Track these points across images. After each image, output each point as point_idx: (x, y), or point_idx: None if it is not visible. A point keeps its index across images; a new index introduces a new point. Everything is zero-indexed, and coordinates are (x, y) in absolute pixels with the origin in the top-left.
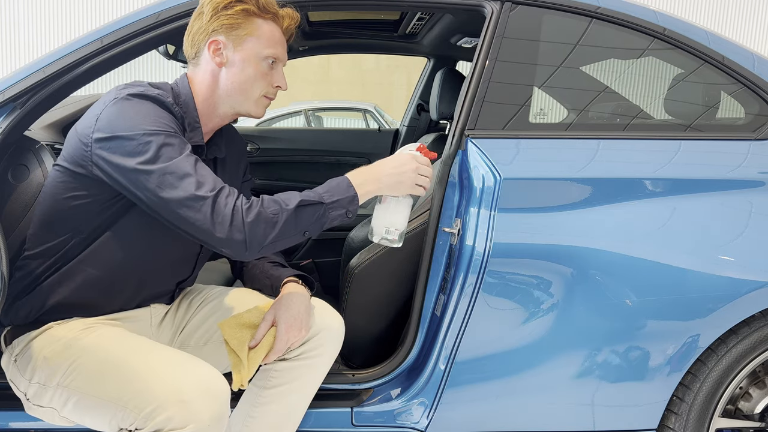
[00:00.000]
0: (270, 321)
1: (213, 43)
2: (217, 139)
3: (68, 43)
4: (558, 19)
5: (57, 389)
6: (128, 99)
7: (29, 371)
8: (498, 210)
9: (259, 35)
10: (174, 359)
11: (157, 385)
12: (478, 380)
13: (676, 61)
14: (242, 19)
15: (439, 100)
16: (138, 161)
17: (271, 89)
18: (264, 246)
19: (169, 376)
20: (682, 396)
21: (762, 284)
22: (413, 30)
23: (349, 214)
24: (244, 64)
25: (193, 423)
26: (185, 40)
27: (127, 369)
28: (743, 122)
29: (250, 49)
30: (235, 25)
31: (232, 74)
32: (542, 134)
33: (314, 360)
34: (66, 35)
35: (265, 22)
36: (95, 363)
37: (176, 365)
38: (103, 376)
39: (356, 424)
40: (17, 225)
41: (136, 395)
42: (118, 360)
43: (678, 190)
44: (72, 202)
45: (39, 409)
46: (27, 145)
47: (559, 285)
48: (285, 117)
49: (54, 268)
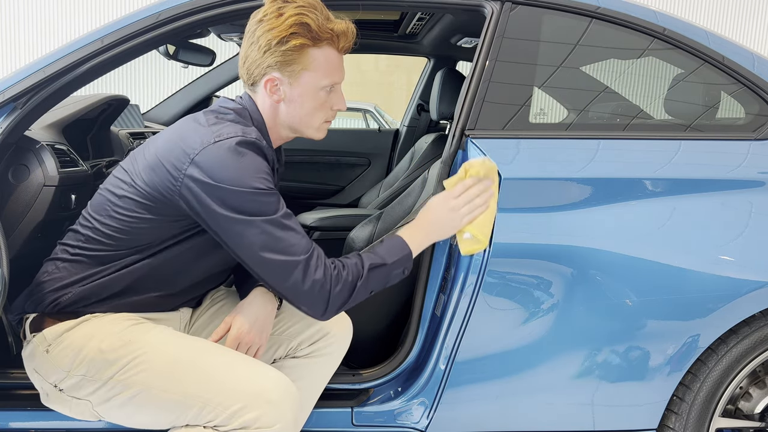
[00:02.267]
0: (229, 322)
1: (269, 81)
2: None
3: (68, 43)
4: (558, 19)
5: (109, 383)
6: (233, 149)
7: (69, 362)
8: (498, 210)
9: (315, 68)
10: (250, 360)
11: (242, 384)
12: (479, 380)
13: (676, 61)
14: (297, 54)
15: (439, 100)
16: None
17: (331, 113)
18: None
19: (253, 376)
20: (683, 396)
21: (762, 284)
22: (413, 30)
23: (406, 271)
24: (303, 99)
25: (280, 423)
26: (240, 66)
27: (205, 367)
28: (743, 122)
29: (307, 84)
30: (290, 61)
31: (291, 109)
32: (542, 134)
33: (323, 358)
34: (66, 35)
35: (320, 50)
36: (165, 359)
37: (255, 366)
38: (177, 372)
39: (356, 424)
40: (17, 225)
41: (219, 393)
42: (192, 357)
43: (678, 190)
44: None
45: (72, 401)
46: (27, 145)
47: (559, 285)
48: None
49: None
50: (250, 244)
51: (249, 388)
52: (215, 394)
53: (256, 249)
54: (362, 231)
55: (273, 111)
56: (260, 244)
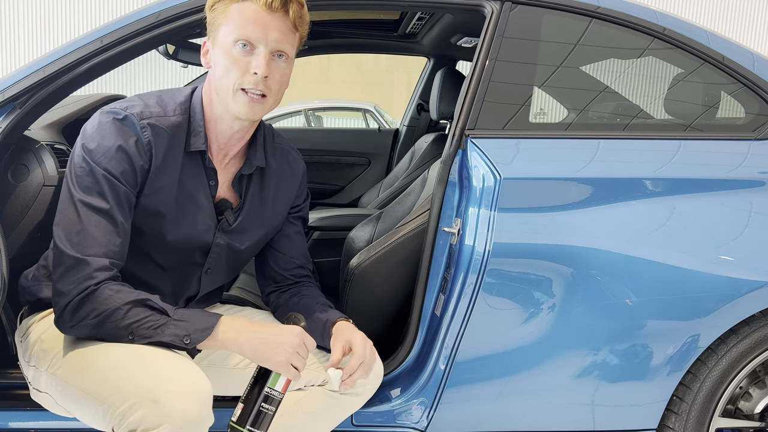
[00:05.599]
0: (344, 348)
1: (203, 47)
2: (252, 153)
3: (68, 43)
4: (558, 19)
5: (47, 376)
6: (100, 115)
7: (28, 353)
8: (498, 210)
9: (228, 21)
10: (156, 358)
11: (134, 382)
12: (478, 380)
13: (676, 61)
14: (216, 12)
15: (439, 100)
16: (68, 173)
17: (248, 78)
18: (77, 330)
19: (148, 374)
20: (682, 396)
21: (762, 284)
22: (413, 30)
23: (186, 339)
24: (219, 57)
25: (166, 423)
26: None
27: (106, 363)
28: (743, 122)
29: (222, 39)
30: (211, 20)
31: (212, 73)
32: (542, 134)
33: (350, 398)
34: (66, 35)
35: (238, 5)
36: (78, 354)
37: (157, 363)
38: (84, 368)
39: (356, 424)
40: (17, 225)
41: (113, 391)
42: (99, 353)
43: (678, 190)
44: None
45: (39, 394)
46: (27, 145)
47: (559, 285)
48: (285, 117)
49: None
50: (59, 210)
51: (138, 386)
52: (110, 392)
53: (57, 219)
54: (362, 231)
55: (209, 83)
56: (60, 214)
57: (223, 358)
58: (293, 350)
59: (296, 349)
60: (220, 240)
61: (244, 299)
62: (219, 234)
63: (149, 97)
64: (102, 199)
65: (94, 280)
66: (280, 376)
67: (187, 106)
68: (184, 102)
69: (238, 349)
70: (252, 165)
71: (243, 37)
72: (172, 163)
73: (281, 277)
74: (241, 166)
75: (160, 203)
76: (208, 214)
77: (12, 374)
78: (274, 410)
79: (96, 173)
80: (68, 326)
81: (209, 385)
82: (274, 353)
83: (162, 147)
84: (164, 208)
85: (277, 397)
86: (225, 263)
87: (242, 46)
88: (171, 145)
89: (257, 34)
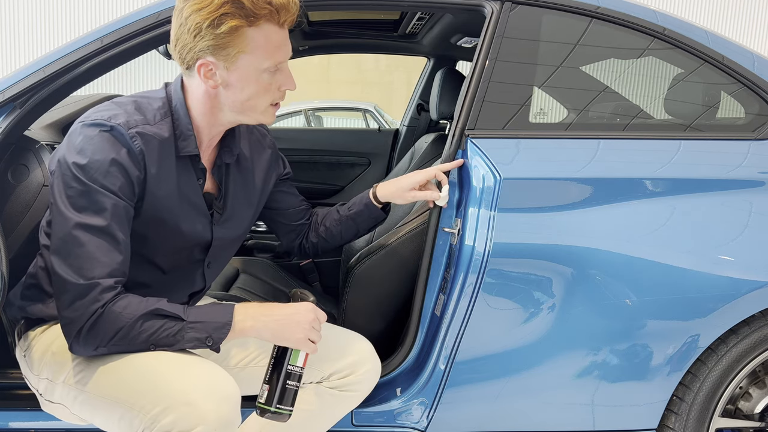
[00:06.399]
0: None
1: (203, 66)
2: (228, 140)
3: (68, 43)
4: (558, 19)
5: (64, 387)
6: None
7: (37, 366)
8: (498, 210)
9: (253, 49)
10: (183, 361)
11: (164, 386)
12: (478, 380)
13: (676, 61)
14: (231, 36)
15: (439, 100)
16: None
17: (278, 94)
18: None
19: (177, 377)
20: (682, 396)
21: (762, 284)
22: (413, 30)
23: (209, 341)
24: (243, 84)
25: (200, 426)
26: (171, 48)
27: (131, 369)
28: (743, 122)
29: (246, 67)
30: (224, 44)
31: (232, 95)
32: (542, 134)
33: (347, 394)
34: (66, 35)
35: (258, 29)
36: (99, 362)
37: (184, 367)
38: (109, 375)
39: (356, 424)
40: (17, 225)
41: (142, 396)
42: (122, 360)
43: (678, 190)
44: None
45: (51, 405)
46: (27, 145)
47: (559, 285)
48: (285, 117)
49: None
50: (54, 235)
51: (170, 389)
52: (139, 397)
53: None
54: None
55: (209, 98)
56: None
57: (223, 359)
58: (309, 326)
59: (312, 324)
60: (218, 234)
61: (244, 299)
62: (215, 228)
63: (126, 105)
64: (100, 217)
65: (100, 303)
66: (299, 352)
67: (166, 110)
68: (162, 107)
69: (257, 334)
70: (233, 153)
71: (275, 64)
72: (167, 169)
73: (299, 225)
74: (218, 155)
75: (163, 210)
76: (202, 212)
77: (12, 374)
78: (298, 385)
79: (91, 191)
80: (86, 352)
81: (237, 388)
82: (292, 332)
83: (154, 154)
84: (166, 215)
85: (299, 372)
86: (225, 252)
87: (273, 71)
88: (162, 151)
89: (283, 56)
